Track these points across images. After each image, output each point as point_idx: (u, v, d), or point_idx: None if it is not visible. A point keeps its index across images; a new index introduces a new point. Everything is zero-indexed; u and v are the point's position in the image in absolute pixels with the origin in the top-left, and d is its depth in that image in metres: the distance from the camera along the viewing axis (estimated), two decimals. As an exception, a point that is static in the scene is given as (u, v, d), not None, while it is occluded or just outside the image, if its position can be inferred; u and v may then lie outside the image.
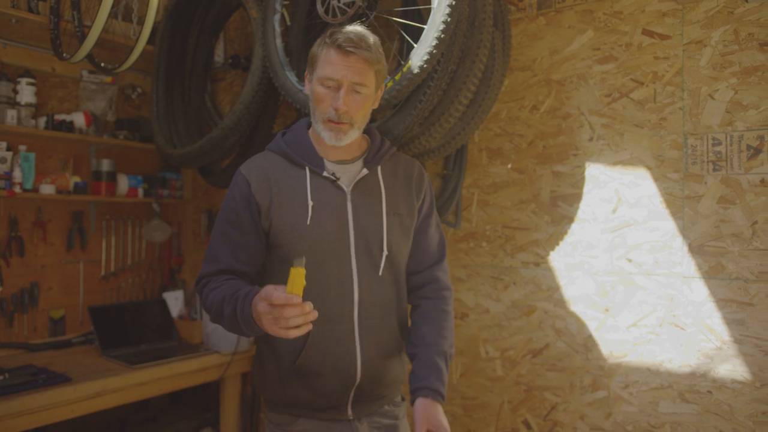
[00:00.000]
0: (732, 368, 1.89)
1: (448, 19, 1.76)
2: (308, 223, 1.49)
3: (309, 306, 1.23)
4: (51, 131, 2.82)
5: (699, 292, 1.94)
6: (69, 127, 2.89)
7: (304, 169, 1.54)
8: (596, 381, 2.13)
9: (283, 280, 1.27)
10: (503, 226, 2.35)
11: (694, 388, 1.95)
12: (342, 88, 1.44)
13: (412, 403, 1.53)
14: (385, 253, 1.55)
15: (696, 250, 1.95)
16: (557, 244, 2.21)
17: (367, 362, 1.55)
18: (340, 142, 1.50)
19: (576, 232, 2.17)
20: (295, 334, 1.24)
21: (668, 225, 1.99)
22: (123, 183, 3.13)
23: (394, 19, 2.14)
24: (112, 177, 3.06)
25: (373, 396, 1.60)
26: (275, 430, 1.61)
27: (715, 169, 1.92)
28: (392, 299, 1.61)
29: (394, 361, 1.63)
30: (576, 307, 2.17)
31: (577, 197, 2.17)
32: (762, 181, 1.84)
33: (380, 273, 1.56)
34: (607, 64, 2.11)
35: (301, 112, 2.21)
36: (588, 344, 2.15)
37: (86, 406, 2.34)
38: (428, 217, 1.68)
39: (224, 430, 3.06)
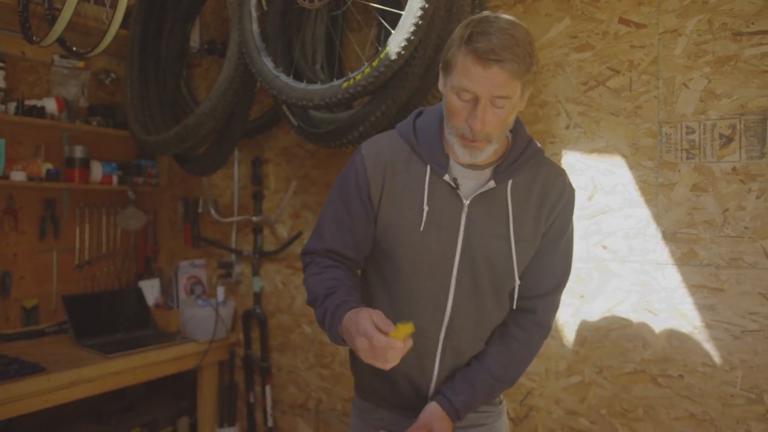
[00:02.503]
0: (703, 353, 1.92)
1: (426, 5, 1.76)
2: (421, 229, 1.33)
3: (408, 345, 1.14)
4: (21, 117, 2.77)
5: (672, 278, 1.97)
6: (40, 112, 2.83)
7: (426, 167, 1.35)
8: (571, 366, 2.16)
9: (376, 281, 1.29)
10: (481, 213, 2.36)
11: (666, 372, 1.99)
12: (479, 103, 1.21)
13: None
14: (517, 284, 1.39)
15: (669, 237, 1.98)
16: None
17: (441, 380, 1.45)
18: (475, 160, 1.30)
19: (552, 219, 2.19)
20: (389, 366, 1.16)
21: (643, 212, 2.02)
22: (97, 170, 3.08)
23: (372, 4, 2.13)
24: (85, 164, 3.01)
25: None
26: (357, 415, 1.57)
27: (688, 158, 1.94)
28: (488, 326, 1.44)
29: None
30: (552, 293, 2.19)
31: (553, 185, 2.18)
32: (733, 169, 1.87)
33: (479, 301, 1.39)
34: (584, 52, 2.12)
35: (277, 99, 2.19)
36: (564, 330, 2.17)
37: (60, 396, 2.32)
38: (554, 242, 1.41)
39: (201, 418, 3.06)
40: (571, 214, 1.43)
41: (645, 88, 2.01)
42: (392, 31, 1.83)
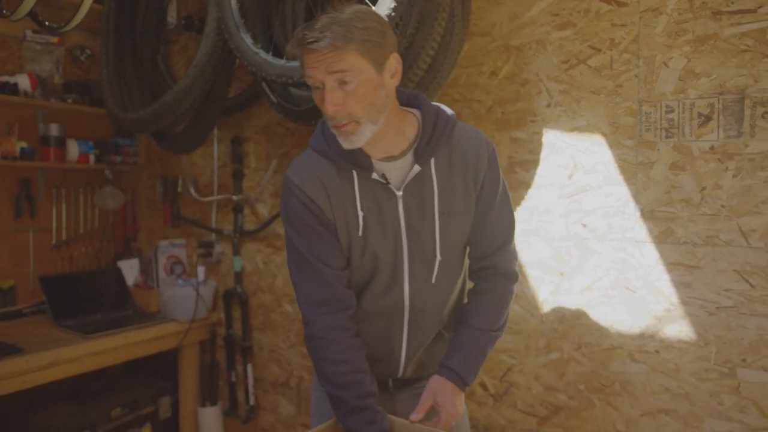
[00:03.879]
0: (679, 329, 1.96)
1: (407, -19, 1.73)
2: (359, 233, 1.37)
3: None
4: (-7, 94, 2.70)
5: (649, 256, 2.00)
6: (13, 89, 2.76)
7: (351, 173, 1.37)
8: (550, 343, 2.19)
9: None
10: (462, 192, 2.37)
11: (643, 348, 2.02)
12: (325, 86, 1.24)
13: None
14: (438, 258, 1.42)
15: (648, 215, 2.00)
16: (514, 209, 2.23)
17: (410, 360, 1.50)
18: (354, 145, 1.31)
19: (533, 197, 2.20)
20: None
21: (622, 191, 2.03)
22: (73, 149, 3.03)
23: (353, -20, 2.10)
24: (61, 142, 2.96)
25: (415, 381, 1.56)
26: (318, 389, 1.59)
27: (667, 136, 1.96)
28: (447, 299, 1.49)
29: (443, 351, 1.54)
30: (532, 271, 2.21)
31: (534, 163, 2.19)
32: (711, 148, 1.88)
33: (433, 280, 1.43)
34: (566, 30, 2.12)
35: (256, 76, 2.16)
36: (543, 308, 2.20)
37: (39, 377, 2.30)
38: (490, 202, 1.45)
39: (183, 397, 3.05)
40: (497, 168, 1.46)
41: (625, 66, 2.01)
42: (373, 8, 1.81)
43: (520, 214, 2.22)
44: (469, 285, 1.59)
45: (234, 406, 3.04)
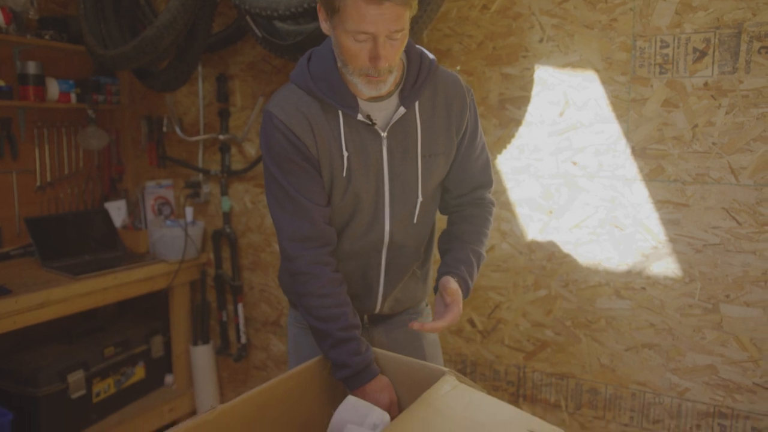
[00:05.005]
0: (665, 266, 1.98)
1: None
2: (343, 174, 1.36)
3: None
4: (-35, 29, 2.59)
5: (639, 194, 1.99)
6: (-14, 24, 2.65)
7: (337, 112, 1.34)
8: (538, 280, 2.21)
9: None
10: (452, 130, 2.33)
11: (629, 285, 2.05)
12: (378, 41, 1.20)
13: (436, 286, 1.45)
14: (420, 200, 1.43)
15: (638, 152, 1.98)
16: (504, 147, 2.21)
17: (387, 296, 1.53)
18: (380, 92, 1.30)
19: (523, 135, 2.17)
20: None
21: (613, 128, 2.01)
22: (53, 88, 2.94)
23: None
24: (40, 81, 2.86)
25: (390, 316, 1.59)
26: (294, 325, 1.61)
27: (661, 72, 1.92)
28: (425, 236, 1.53)
29: (417, 287, 1.59)
30: (521, 209, 2.21)
31: (525, 100, 2.15)
32: (705, 84, 1.86)
33: (415, 220, 1.45)
34: (560, -40, 2.04)
35: (240, 10, 2.08)
36: (532, 245, 2.21)
37: (29, 318, 2.30)
38: (470, 145, 1.48)
39: (175, 336, 3.09)
40: (476, 113, 1.49)
41: (621, -1, 1.95)
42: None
43: (510, 152, 2.20)
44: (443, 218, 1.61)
45: (226, 344, 3.08)
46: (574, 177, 2.10)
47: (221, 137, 2.88)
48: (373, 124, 1.35)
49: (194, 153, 3.08)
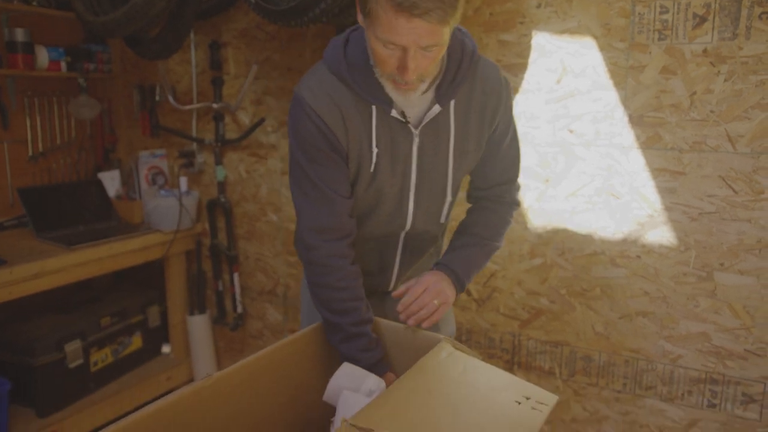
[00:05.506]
0: (660, 234, 1.98)
1: None
2: (371, 170, 1.32)
3: None
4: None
5: (636, 162, 1.99)
6: (-29, -10, 2.59)
7: (371, 107, 1.29)
8: (534, 249, 2.21)
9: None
10: (448, 98, 2.31)
11: (624, 253, 2.05)
12: (408, 52, 1.12)
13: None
14: (449, 199, 1.43)
15: (636, 120, 1.97)
16: (501, 116, 2.19)
17: (402, 276, 1.54)
18: (408, 98, 1.25)
19: (520, 102, 2.15)
20: None
21: (611, 95, 1.99)
22: (42, 56, 2.88)
23: None
24: (29, 49, 2.81)
25: None
26: (308, 293, 1.56)
27: (660, 38, 1.90)
28: (444, 224, 1.53)
29: (431, 264, 1.57)
30: (517, 179, 2.20)
31: (522, 67, 2.13)
32: (704, 51, 1.83)
33: (442, 219, 1.46)
34: (559, -77, 2.00)
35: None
36: (528, 214, 2.20)
37: (24, 288, 2.30)
38: (499, 141, 1.43)
39: (171, 306, 3.10)
40: (511, 107, 1.43)
41: (620, -37, 1.92)
42: None
43: (507, 120, 2.18)
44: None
45: (222, 314, 3.09)
46: (571, 145, 2.08)
47: (215, 106, 2.85)
48: (407, 122, 1.30)
49: (188, 122, 3.05)
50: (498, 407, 1.07)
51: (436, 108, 1.29)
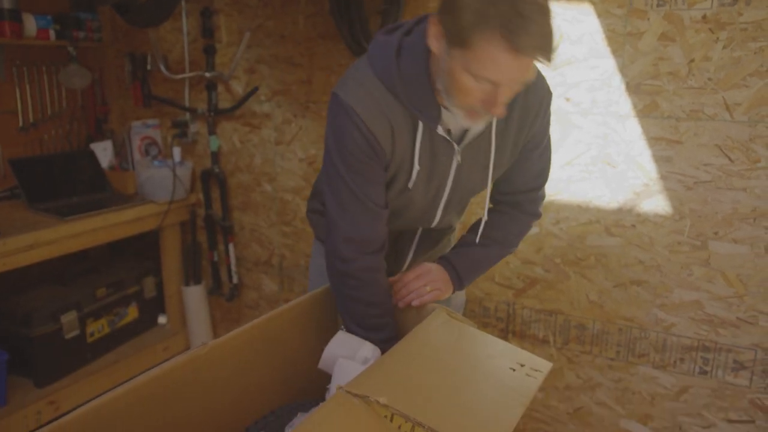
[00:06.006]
0: (656, 203, 1.98)
1: None
2: (409, 186, 1.30)
3: None
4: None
5: (632, 130, 1.97)
6: (-46, -46, 2.52)
7: (417, 122, 1.24)
8: (529, 219, 2.21)
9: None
10: (443, 67, 2.28)
11: (620, 222, 2.05)
12: (500, 88, 1.07)
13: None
14: (485, 219, 1.44)
15: (633, 88, 1.95)
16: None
17: (415, 262, 1.55)
18: (475, 126, 1.24)
19: (516, 72, 2.13)
20: None
21: (608, 63, 1.97)
22: (30, 23, 2.82)
23: None
24: (15, 16, 2.75)
25: None
26: (320, 255, 1.52)
27: (659, 5, 1.87)
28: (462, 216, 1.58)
29: (444, 251, 1.58)
30: (513, 148, 2.19)
31: (519, 35, 2.10)
32: (704, 17, 1.81)
33: (463, 216, 1.52)
34: None
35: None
36: (523, 184, 2.20)
37: (19, 259, 2.29)
38: (531, 151, 1.40)
39: (167, 277, 3.10)
40: (549, 118, 1.39)
41: (620, -74, 1.88)
42: None
43: (503, 89, 2.16)
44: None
45: (217, 284, 3.10)
46: (567, 113, 2.07)
47: (207, 75, 2.81)
48: (451, 140, 1.27)
49: (180, 91, 3.01)
50: (493, 374, 1.08)
51: (481, 125, 1.24)
